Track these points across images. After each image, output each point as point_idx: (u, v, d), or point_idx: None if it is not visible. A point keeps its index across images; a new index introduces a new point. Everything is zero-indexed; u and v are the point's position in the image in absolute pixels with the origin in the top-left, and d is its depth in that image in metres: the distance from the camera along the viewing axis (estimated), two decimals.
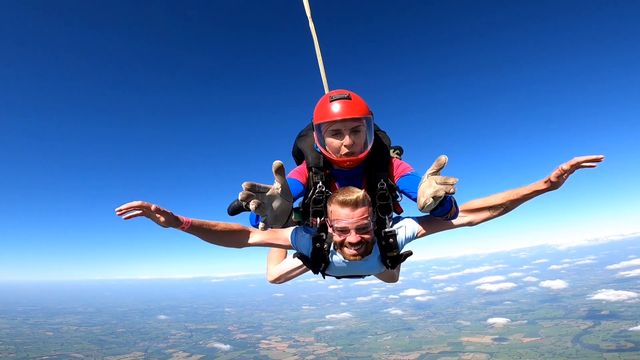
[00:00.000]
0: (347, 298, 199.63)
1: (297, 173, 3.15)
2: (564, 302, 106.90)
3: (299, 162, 3.48)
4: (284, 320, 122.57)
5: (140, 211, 2.59)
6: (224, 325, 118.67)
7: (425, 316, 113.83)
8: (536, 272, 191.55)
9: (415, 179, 2.91)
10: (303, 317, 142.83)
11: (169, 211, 2.73)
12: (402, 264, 3.67)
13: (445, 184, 2.35)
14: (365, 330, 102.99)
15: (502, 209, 3.14)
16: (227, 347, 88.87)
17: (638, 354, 56.51)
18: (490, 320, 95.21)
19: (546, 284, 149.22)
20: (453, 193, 2.34)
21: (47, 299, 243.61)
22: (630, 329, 70.09)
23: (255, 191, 2.25)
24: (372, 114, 2.99)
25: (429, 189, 2.42)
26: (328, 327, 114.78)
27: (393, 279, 4.90)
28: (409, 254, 3.14)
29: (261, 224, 2.37)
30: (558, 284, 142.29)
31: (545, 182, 2.99)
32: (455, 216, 3.00)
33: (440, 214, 2.84)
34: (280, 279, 4.10)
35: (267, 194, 2.32)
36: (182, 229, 2.85)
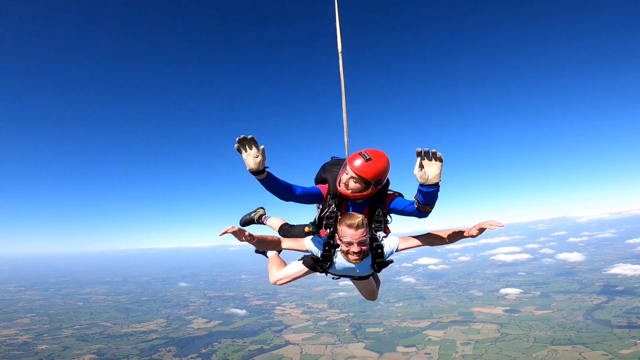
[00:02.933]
0: None
1: (321, 187, 4.42)
2: (579, 276, 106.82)
3: (318, 183, 4.79)
4: (298, 288, 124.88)
5: (233, 231, 3.62)
6: (240, 292, 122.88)
7: (437, 285, 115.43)
8: (553, 245, 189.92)
9: (401, 199, 4.42)
10: (317, 284, 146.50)
11: (248, 233, 3.80)
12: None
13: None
14: (378, 297, 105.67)
15: (447, 242, 4.50)
16: (243, 312, 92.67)
17: None
18: (503, 292, 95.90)
19: (563, 256, 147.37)
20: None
21: (77, 269, 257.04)
22: None
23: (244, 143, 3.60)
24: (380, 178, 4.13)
25: (430, 167, 3.70)
26: (341, 294, 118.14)
27: (373, 296, 6.34)
28: (391, 262, 4.47)
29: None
30: (575, 257, 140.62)
31: (468, 233, 4.12)
32: (426, 215, 4.18)
33: (428, 202, 3.93)
34: (283, 280, 5.58)
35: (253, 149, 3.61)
36: (253, 243, 3.93)
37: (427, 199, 3.87)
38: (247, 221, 5.98)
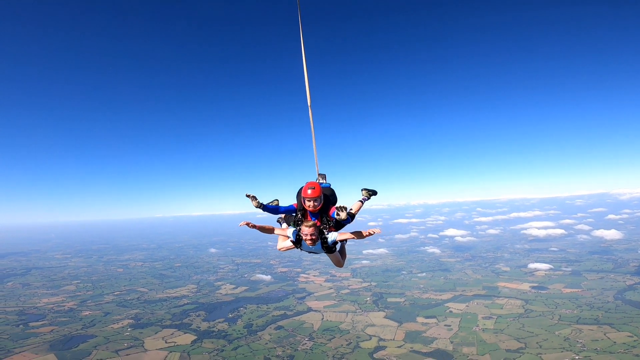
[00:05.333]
0: (385, 235, 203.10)
1: (295, 205, 7.59)
2: (614, 255, 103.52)
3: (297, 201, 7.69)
4: (322, 256, 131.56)
5: (247, 224, 6.90)
6: (266, 260, 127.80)
7: (463, 259, 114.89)
8: (590, 221, 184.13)
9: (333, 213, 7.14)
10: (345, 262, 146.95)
11: (252, 223, 6.94)
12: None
13: (344, 213, 6.86)
14: (401, 268, 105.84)
15: (361, 237, 7.05)
16: (268, 278, 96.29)
17: None
18: (532, 267, 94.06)
19: (599, 233, 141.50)
20: (344, 219, 6.91)
21: (117, 237, 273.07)
22: None
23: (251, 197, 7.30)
24: (322, 194, 7.27)
25: (342, 213, 6.80)
26: (364, 262, 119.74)
27: (339, 264, 8.05)
28: (335, 244, 7.29)
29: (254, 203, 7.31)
30: (612, 235, 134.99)
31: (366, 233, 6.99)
32: (348, 222, 7.30)
33: (347, 222, 7.23)
34: (283, 249, 7.87)
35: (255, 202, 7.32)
36: (257, 228, 7.08)
37: (346, 223, 7.42)
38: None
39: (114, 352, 50.58)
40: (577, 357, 43.06)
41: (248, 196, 7.15)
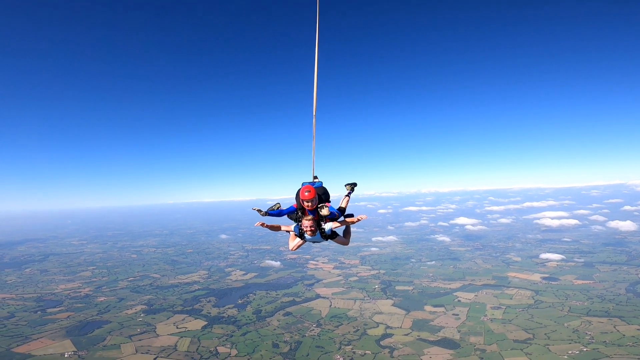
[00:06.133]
0: (395, 223, 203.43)
1: (295, 205, 8.38)
2: (628, 247, 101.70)
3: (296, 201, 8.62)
4: (331, 243, 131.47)
5: (261, 225, 7.79)
6: (276, 246, 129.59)
7: (473, 248, 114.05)
8: (606, 212, 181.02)
9: (331, 208, 8.21)
10: (350, 240, 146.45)
11: (264, 223, 7.84)
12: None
13: (326, 209, 8.06)
14: (410, 256, 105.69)
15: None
16: (278, 264, 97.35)
17: None
18: (543, 257, 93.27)
19: (614, 224, 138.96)
20: (327, 214, 7.93)
21: (130, 222, 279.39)
22: None
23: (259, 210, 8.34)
24: (317, 195, 8.21)
25: (323, 210, 8.05)
26: (373, 249, 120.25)
27: (345, 243, 8.88)
28: (332, 232, 8.22)
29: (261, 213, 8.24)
30: (627, 226, 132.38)
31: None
32: (334, 217, 8.21)
33: (332, 217, 8.15)
34: (294, 248, 8.74)
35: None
36: (266, 227, 7.95)
37: (339, 215, 8.57)
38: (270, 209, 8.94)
39: (127, 337, 51.97)
40: (585, 349, 42.69)
41: (254, 209, 8.37)
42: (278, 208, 8.54)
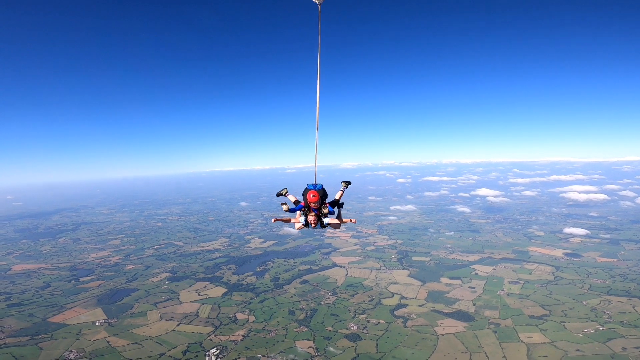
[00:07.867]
0: (414, 192, 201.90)
1: (302, 203, 10.87)
2: None
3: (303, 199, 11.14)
4: (349, 211, 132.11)
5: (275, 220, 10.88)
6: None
7: (494, 220, 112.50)
8: (636, 188, 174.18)
9: (330, 207, 10.78)
10: (368, 209, 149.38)
11: (281, 218, 10.90)
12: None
13: (326, 209, 10.80)
14: (428, 226, 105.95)
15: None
16: (296, 232, 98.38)
17: None
18: (567, 232, 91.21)
19: None
20: (327, 213, 10.66)
21: (155, 191, 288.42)
22: None
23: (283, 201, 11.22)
24: (321, 197, 10.78)
25: (324, 210, 10.76)
26: (391, 218, 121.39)
27: (337, 227, 11.07)
28: (326, 225, 10.88)
29: (284, 207, 10.63)
30: None
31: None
32: (333, 214, 11.02)
33: (331, 214, 10.97)
34: (299, 228, 11.02)
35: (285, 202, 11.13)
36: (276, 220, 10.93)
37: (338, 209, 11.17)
38: (279, 194, 11.87)
39: (153, 304, 54.81)
40: (601, 328, 42.15)
41: (282, 204, 10.60)
42: (286, 193, 12.09)
